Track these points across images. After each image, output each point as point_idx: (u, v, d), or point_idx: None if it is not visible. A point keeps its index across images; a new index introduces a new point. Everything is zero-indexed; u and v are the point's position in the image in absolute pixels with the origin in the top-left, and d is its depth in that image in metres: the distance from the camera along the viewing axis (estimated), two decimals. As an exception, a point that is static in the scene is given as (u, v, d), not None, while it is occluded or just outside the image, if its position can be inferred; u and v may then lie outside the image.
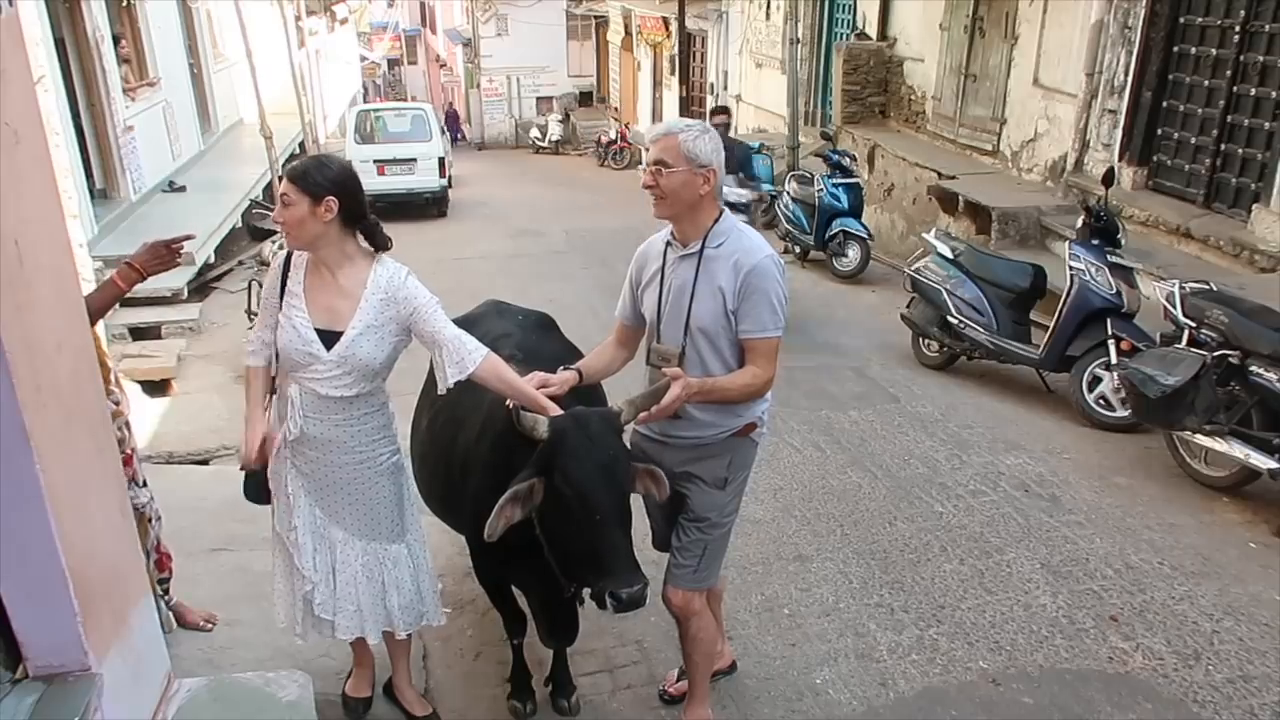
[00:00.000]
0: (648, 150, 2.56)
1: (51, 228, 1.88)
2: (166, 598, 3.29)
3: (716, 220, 2.55)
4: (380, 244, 2.60)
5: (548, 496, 2.34)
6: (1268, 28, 6.44)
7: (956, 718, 3.10)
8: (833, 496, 4.58)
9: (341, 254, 2.52)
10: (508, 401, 2.50)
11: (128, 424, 3.09)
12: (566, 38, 28.97)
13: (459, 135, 29.04)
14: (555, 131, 25.65)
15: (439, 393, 2.59)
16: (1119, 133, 7.70)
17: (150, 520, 3.16)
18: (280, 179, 2.55)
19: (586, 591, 2.70)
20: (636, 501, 2.52)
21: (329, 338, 2.50)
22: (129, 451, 3.04)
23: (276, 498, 2.73)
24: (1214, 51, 6.90)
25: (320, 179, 2.43)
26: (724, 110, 8.60)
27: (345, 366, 2.50)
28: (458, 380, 2.48)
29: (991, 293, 6.08)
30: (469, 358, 2.48)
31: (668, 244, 2.64)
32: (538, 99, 29.06)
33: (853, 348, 6.92)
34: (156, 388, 6.33)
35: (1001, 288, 6.09)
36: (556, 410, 2.43)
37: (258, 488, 2.79)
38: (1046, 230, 7.90)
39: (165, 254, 2.88)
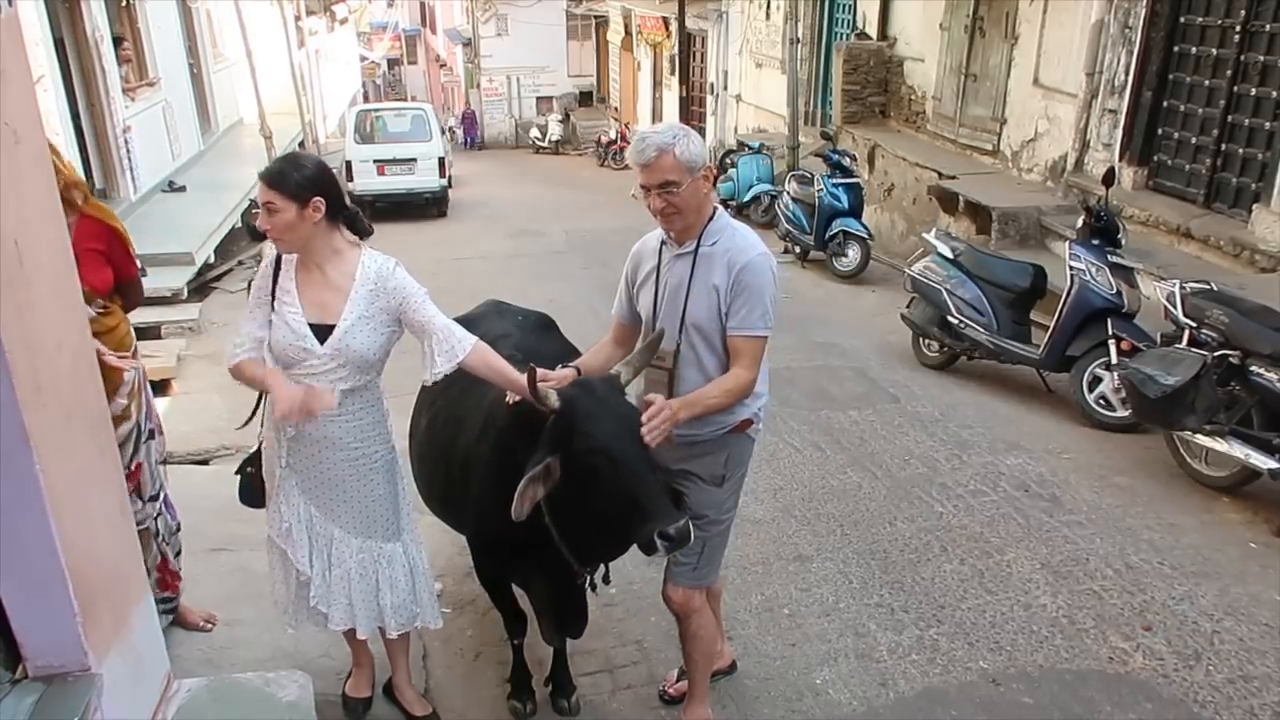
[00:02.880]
0: (641, 171, 2.45)
1: (51, 228, 1.88)
2: (168, 617, 3.17)
3: (711, 218, 2.55)
4: (362, 231, 2.60)
5: (566, 470, 2.33)
6: (1268, 28, 6.44)
7: (956, 718, 3.10)
8: (833, 496, 4.57)
9: (330, 249, 2.52)
10: (508, 398, 2.51)
11: (153, 432, 3.01)
12: (566, 38, 28.98)
13: (475, 138, 28.66)
14: (555, 131, 25.67)
15: (428, 382, 2.59)
16: (1119, 133, 7.70)
17: (158, 535, 3.07)
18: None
19: (599, 574, 2.69)
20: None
21: (321, 332, 2.50)
22: (138, 463, 2.94)
23: (270, 496, 2.72)
24: (1214, 51, 6.90)
25: (301, 180, 2.41)
26: None
27: (339, 359, 2.50)
28: (446, 370, 2.49)
29: (991, 293, 6.07)
30: (458, 346, 2.50)
31: (663, 242, 2.64)
32: (538, 99, 29.07)
33: (853, 348, 6.92)
34: (156, 388, 6.32)
35: (1001, 288, 6.08)
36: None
37: (253, 491, 2.79)
38: (1046, 230, 7.90)
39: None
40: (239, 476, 2.83)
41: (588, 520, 2.40)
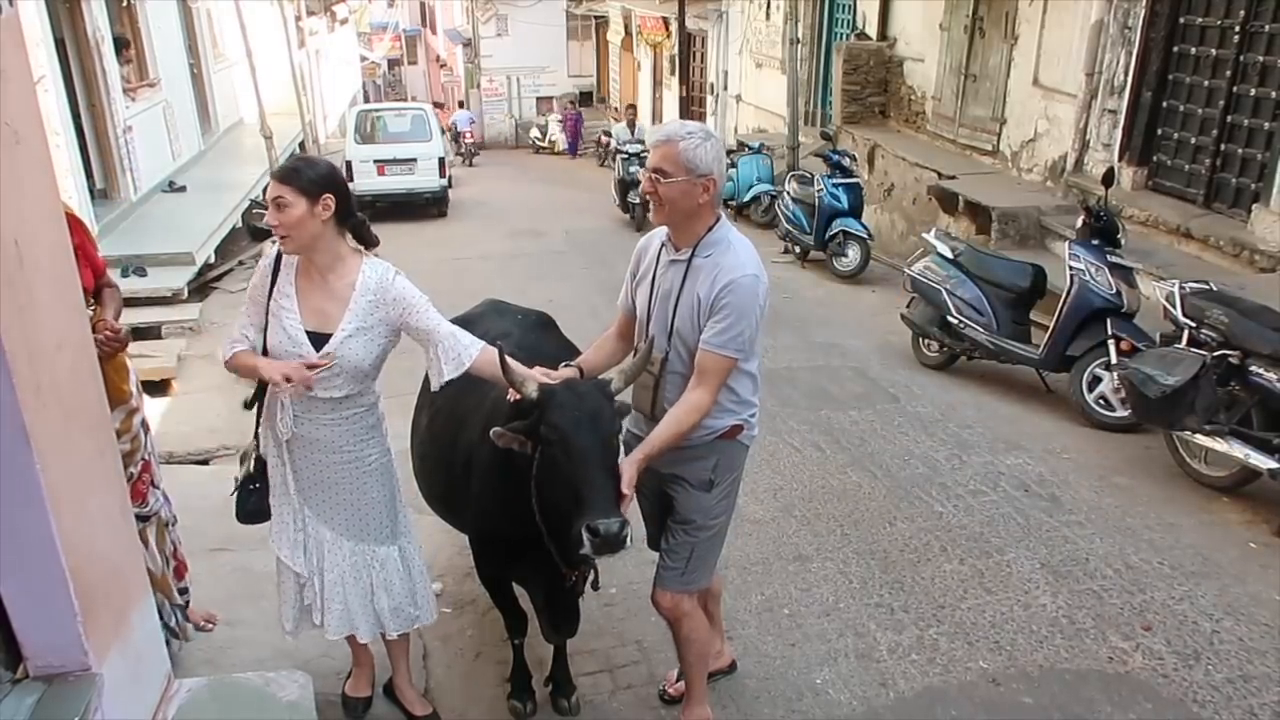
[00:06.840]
0: (648, 152, 2.55)
1: (51, 228, 1.88)
2: (185, 605, 3.18)
3: (711, 229, 2.51)
4: (369, 241, 2.61)
5: (539, 460, 2.35)
6: (1268, 28, 6.44)
7: (956, 718, 3.10)
8: (833, 496, 4.57)
9: (334, 255, 2.52)
10: (509, 395, 2.51)
11: (145, 424, 3.03)
12: (566, 38, 28.94)
13: (576, 146, 27.52)
14: (555, 131, 25.62)
15: (434, 389, 2.59)
16: (1119, 133, 7.70)
17: (167, 525, 3.12)
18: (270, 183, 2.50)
19: (589, 580, 2.70)
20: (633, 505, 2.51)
21: (318, 340, 2.50)
22: (147, 458, 2.98)
23: (273, 495, 2.72)
24: (1214, 51, 6.90)
25: (313, 176, 2.43)
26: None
27: (335, 368, 2.50)
28: (454, 376, 2.50)
29: (991, 293, 6.08)
30: (465, 353, 2.51)
31: (663, 244, 2.64)
32: (538, 99, 29.01)
33: (853, 348, 6.92)
34: (156, 388, 6.32)
35: (1001, 288, 6.09)
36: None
37: (250, 511, 2.77)
38: (1046, 230, 7.90)
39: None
40: (236, 495, 2.79)
41: (556, 511, 2.40)
